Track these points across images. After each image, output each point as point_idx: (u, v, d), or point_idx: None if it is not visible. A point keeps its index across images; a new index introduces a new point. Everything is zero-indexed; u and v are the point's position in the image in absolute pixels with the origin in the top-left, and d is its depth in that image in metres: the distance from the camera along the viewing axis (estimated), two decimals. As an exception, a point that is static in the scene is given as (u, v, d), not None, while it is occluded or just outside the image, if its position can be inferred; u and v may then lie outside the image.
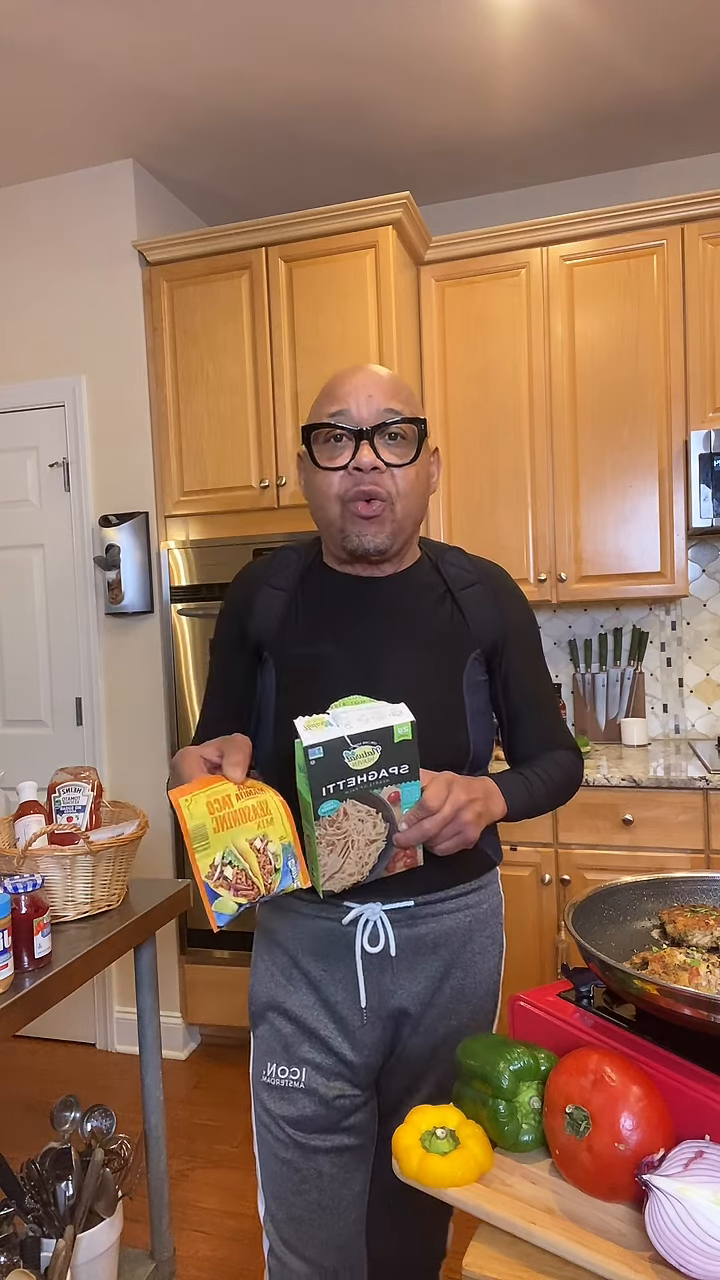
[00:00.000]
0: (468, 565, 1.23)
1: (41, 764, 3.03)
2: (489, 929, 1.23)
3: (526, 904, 2.51)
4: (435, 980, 1.18)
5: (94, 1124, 1.74)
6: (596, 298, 2.68)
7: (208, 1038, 3.00)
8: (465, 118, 2.69)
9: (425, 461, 1.17)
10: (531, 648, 1.24)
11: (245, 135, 2.74)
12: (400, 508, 1.13)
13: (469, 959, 1.20)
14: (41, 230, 2.93)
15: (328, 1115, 1.16)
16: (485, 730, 1.20)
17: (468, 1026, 1.21)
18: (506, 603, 1.22)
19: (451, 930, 1.18)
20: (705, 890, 1.12)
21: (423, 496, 1.17)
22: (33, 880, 1.35)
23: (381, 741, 1.00)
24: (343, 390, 1.13)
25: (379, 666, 1.14)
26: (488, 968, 1.23)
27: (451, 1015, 1.19)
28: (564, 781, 1.22)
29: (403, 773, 1.01)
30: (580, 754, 1.27)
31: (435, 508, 2.83)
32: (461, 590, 1.20)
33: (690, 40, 2.36)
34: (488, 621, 1.19)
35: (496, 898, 1.26)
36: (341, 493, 1.12)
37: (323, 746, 0.97)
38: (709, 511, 2.52)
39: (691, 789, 2.36)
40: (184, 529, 2.83)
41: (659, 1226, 0.69)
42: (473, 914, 1.20)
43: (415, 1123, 0.87)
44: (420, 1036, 1.19)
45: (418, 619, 1.17)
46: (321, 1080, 1.16)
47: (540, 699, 1.23)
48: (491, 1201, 0.79)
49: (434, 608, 1.18)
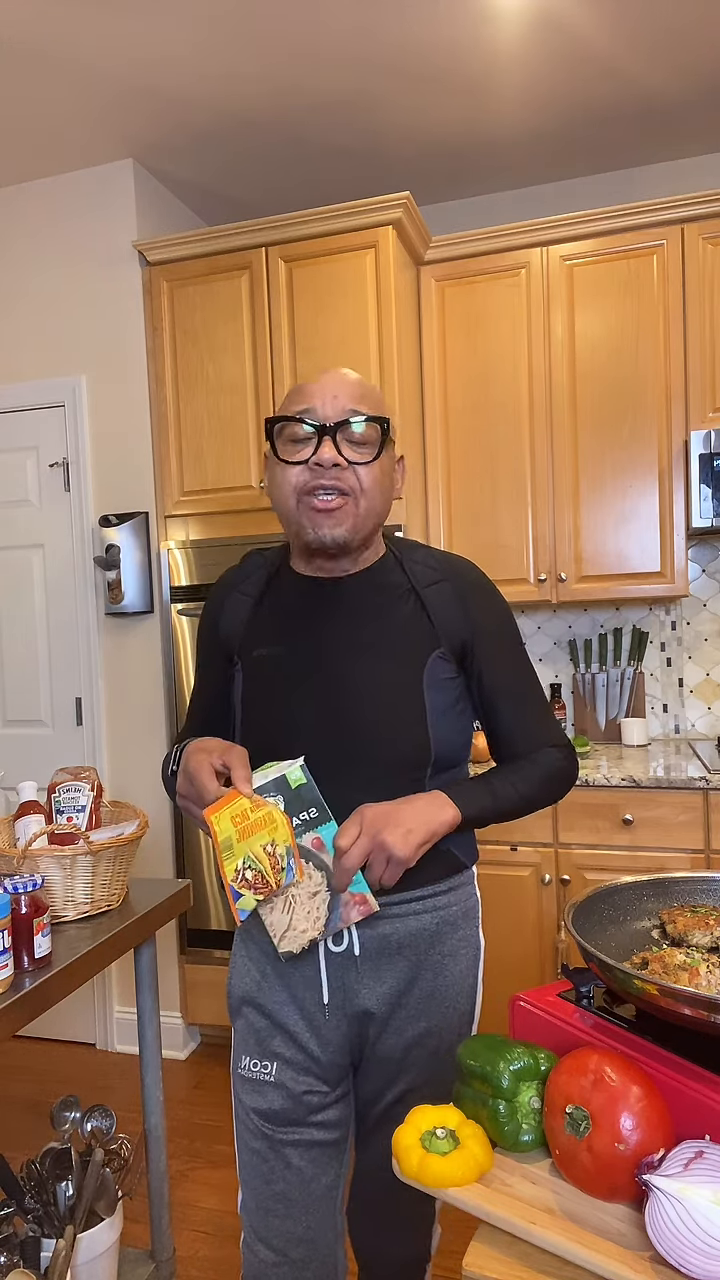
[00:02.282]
0: (434, 563, 1.21)
1: (41, 764, 3.03)
2: (461, 931, 1.23)
3: (526, 904, 2.51)
4: (402, 981, 1.18)
5: (94, 1124, 1.74)
6: (596, 298, 2.68)
7: (208, 1038, 3.00)
8: (465, 118, 2.69)
9: (389, 461, 1.17)
10: (506, 645, 1.22)
11: (245, 135, 2.74)
12: (363, 504, 1.13)
13: (438, 961, 1.20)
14: (41, 230, 2.93)
15: (295, 1109, 1.18)
16: (454, 728, 1.19)
17: (440, 1028, 1.20)
18: (474, 601, 1.20)
19: (418, 932, 1.18)
20: (705, 890, 1.12)
21: (385, 496, 1.17)
22: (33, 880, 1.35)
23: (280, 791, 1.06)
24: (309, 389, 1.14)
25: (336, 667, 1.16)
26: (459, 969, 1.22)
27: (421, 1017, 1.19)
28: (545, 780, 1.19)
29: (313, 817, 1.07)
30: (571, 750, 1.24)
31: (435, 508, 2.84)
32: (425, 588, 1.19)
33: (690, 41, 2.36)
34: (453, 620, 1.18)
35: (471, 900, 1.26)
36: (299, 485, 1.13)
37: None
38: (709, 511, 2.52)
39: (691, 789, 2.36)
40: (184, 529, 2.83)
41: (659, 1226, 0.69)
42: (441, 916, 1.20)
43: (415, 1123, 0.87)
44: (390, 1036, 1.19)
45: (379, 617, 1.17)
46: (291, 1074, 1.18)
47: (519, 696, 1.21)
48: (491, 1201, 0.79)
49: (396, 606, 1.18)
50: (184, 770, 1.10)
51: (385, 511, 1.18)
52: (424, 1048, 1.20)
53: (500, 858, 2.53)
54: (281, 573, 1.25)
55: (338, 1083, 1.21)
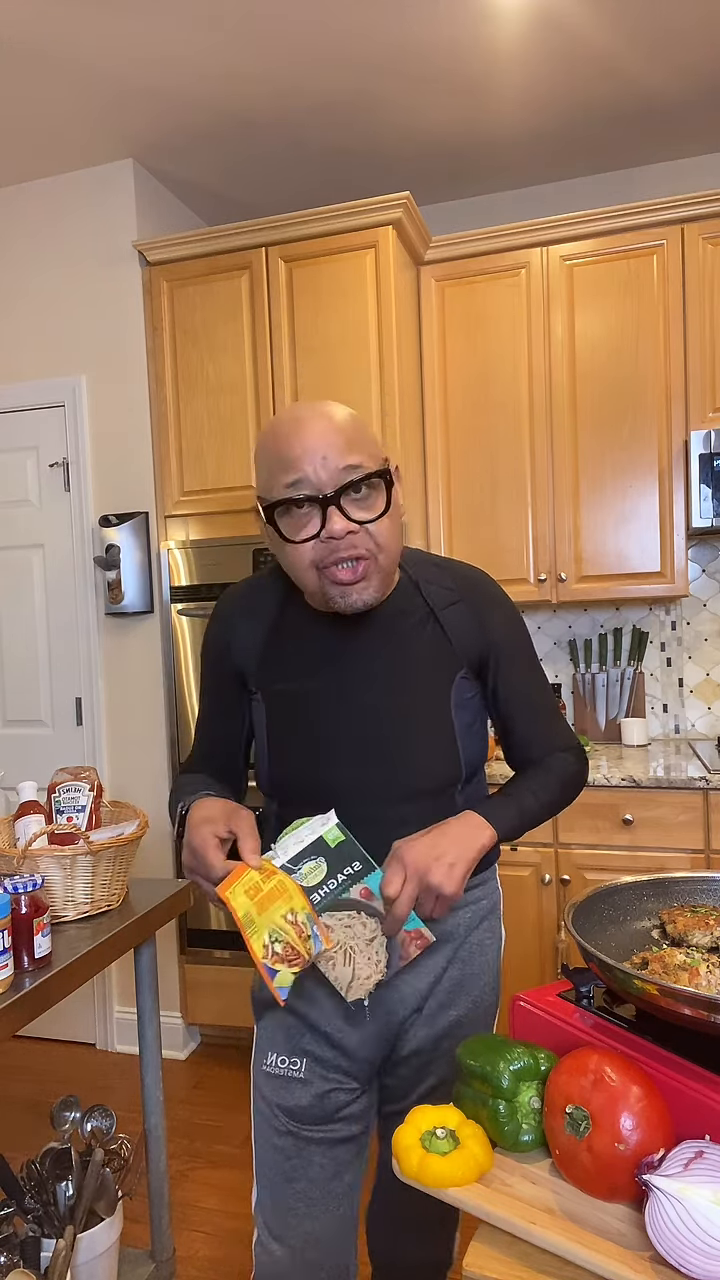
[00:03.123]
0: (449, 582, 1.20)
1: (41, 764, 3.03)
2: (488, 922, 1.26)
3: (526, 904, 2.51)
4: (436, 974, 1.20)
5: (94, 1124, 1.74)
6: (596, 298, 2.68)
7: (208, 1038, 3.00)
8: (465, 118, 2.69)
9: (398, 503, 1.11)
10: (520, 655, 1.22)
11: (246, 135, 2.74)
12: (383, 559, 1.09)
13: (467, 954, 1.23)
14: (41, 230, 2.93)
15: (323, 1106, 1.18)
16: (478, 743, 1.21)
17: (467, 1018, 1.22)
18: (490, 616, 1.19)
19: (454, 927, 1.21)
20: (705, 890, 1.12)
21: (400, 535, 1.12)
22: (33, 880, 1.35)
23: (320, 852, 1.05)
24: (294, 454, 1.04)
25: (364, 699, 1.15)
26: (485, 960, 1.25)
27: (451, 1006, 1.21)
28: (560, 786, 1.21)
29: (357, 870, 1.06)
30: (582, 753, 1.26)
31: (435, 508, 2.84)
32: (444, 610, 1.18)
33: (690, 40, 2.36)
34: (470, 639, 1.18)
35: (496, 893, 1.30)
36: (317, 560, 1.07)
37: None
38: (709, 511, 2.52)
39: (691, 789, 2.36)
40: (184, 529, 2.83)
41: (659, 1226, 0.69)
42: (474, 910, 1.23)
43: (415, 1123, 0.87)
44: (422, 1028, 1.20)
45: (401, 646, 1.16)
46: (321, 1071, 1.18)
47: (534, 705, 1.22)
48: (491, 1201, 0.79)
49: (417, 632, 1.17)
50: (188, 845, 1.07)
51: (401, 548, 1.14)
52: (454, 1038, 1.21)
53: (500, 858, 2.53)
54: (294, 602, 1.21)
55: (367, 1080, 1.22)
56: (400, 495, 1.12)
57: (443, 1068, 1.21)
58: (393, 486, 1.09)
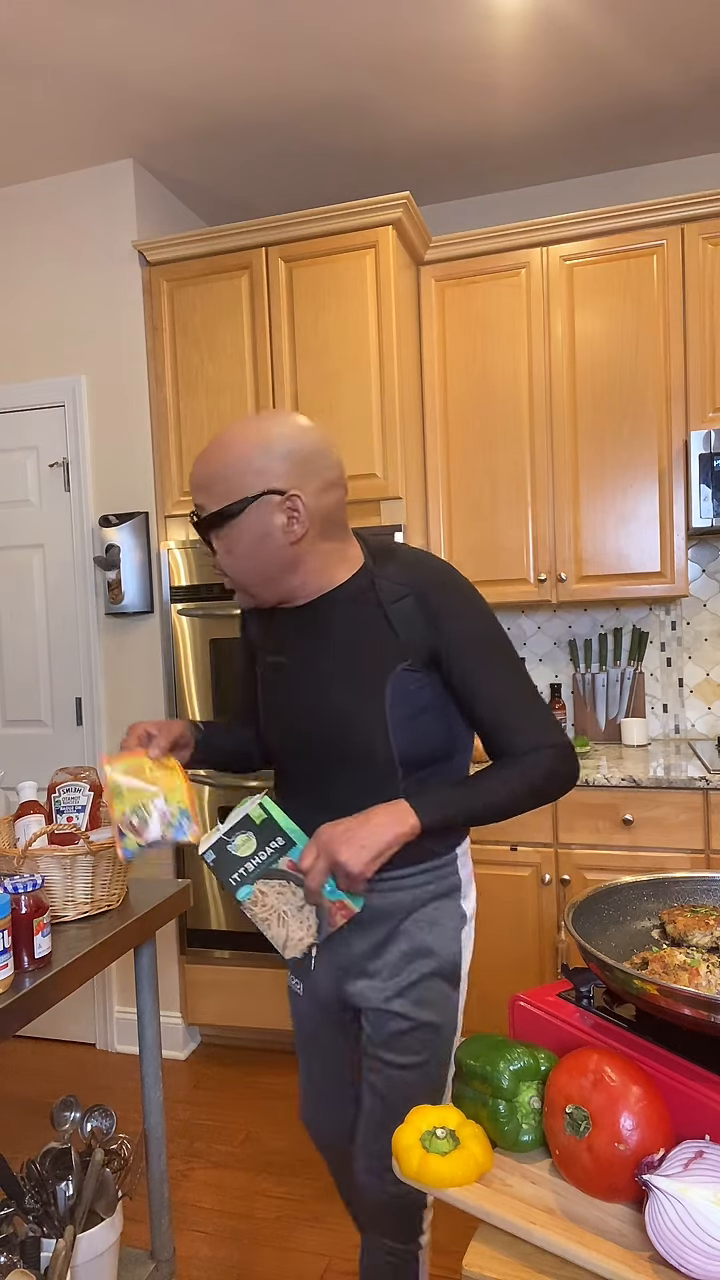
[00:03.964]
0: (401, 577, 1.26)
1: (41, 764, 3.03)
2: (439, 902, 1.33)
3: (526, 904, 2.51)
4: (380, 941, 1.33)
5: (94, 1124, 1.74)
6: (596, 298, 2.68)
7: (208, 1038, 3.00)
8: (465, 118, 2.69)
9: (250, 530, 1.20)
10: (476, 649, 1.24)
11: (245, 135, 2.74)
12: (238, 578, 1.25)
13: (414, 926, 1.32)
14: (42, 230, 2.93)
15: (311, 1016, 1.45)
16: (427, 733, 1.26)
17: (422, 984, 1.32)
18: (439, 612, 1.24)
19: (396, 904, 1.31)
20: (705, 890, 1.13)
21: (264, 557, 1.22)
22: (33, 880, 1.35)
23: (249, 828, 1.20)
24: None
25: (313, 682, 1.29)
26: (440, 937, 1.33)
27: (399, 974, 1.32)
28: (526, 784, 1.22)
29: (281, 845, 1.20)
30: (564, 750, 1.24)
31: (435, 508, 2.84)
32: (392, 604, 1.24)
33: (690, 40, 2.36)
34: (418, 633, 1.23)
35: (450, 881, 1.35)
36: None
37: (211, 849, 1.21)
38: (709, 511, 2.52)
39: (691, 789, 2.36)
40: (184, 529, 2.83)
41: (659, 1226, 0.69)
42: (417, 893, 1.32)
43: (415, 1123, 0.87)
44: (374, 992, 1.33)
45: (348, 632, 1.27)
46: (305, 994, 1.45)
47: (492, 698, 1.24)
48: (491, 1201, 0.79)
49: (365, 621, 1.26)
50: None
51: (275, 561, 1.23)
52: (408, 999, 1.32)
53: (500, 858, 2.53)
54: None
55: (336, 1009, 1.41)
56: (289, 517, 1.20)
57: (399, 1024, 1.31)
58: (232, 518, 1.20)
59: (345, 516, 1.29)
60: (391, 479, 2.59)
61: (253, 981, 2.80)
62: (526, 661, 3.14)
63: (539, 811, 2.49)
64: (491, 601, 2.82)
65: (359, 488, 2.62)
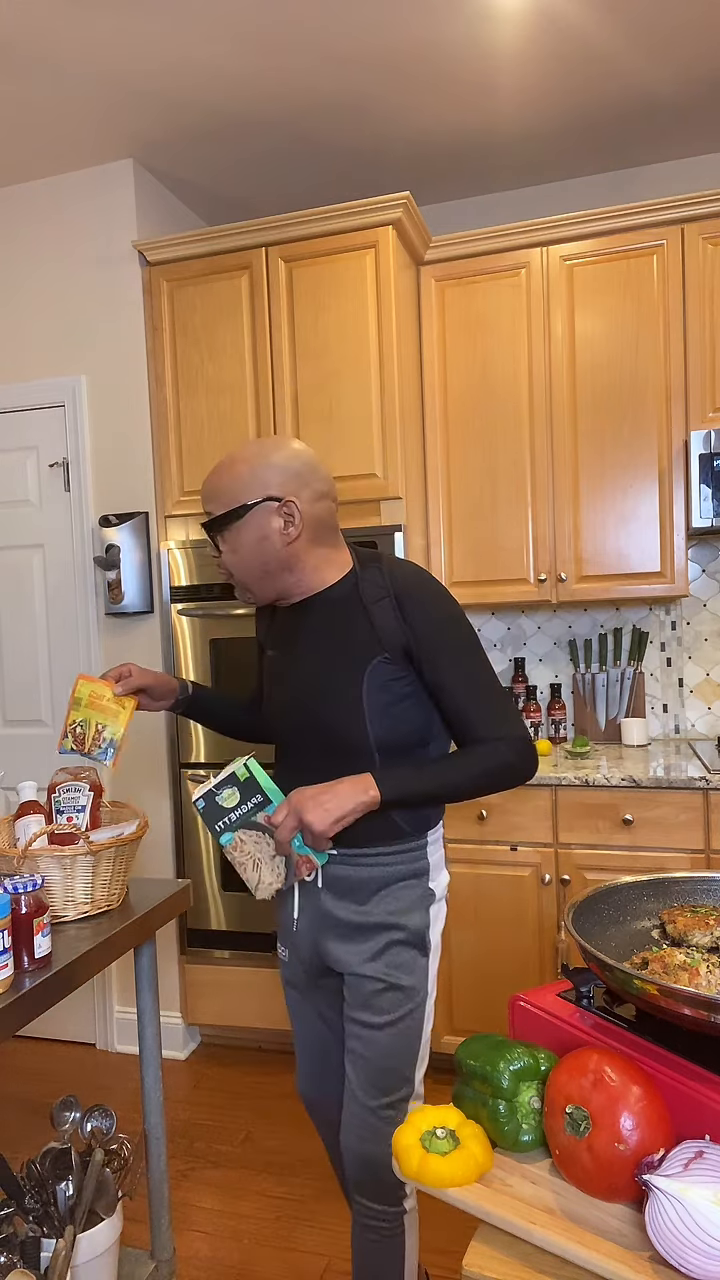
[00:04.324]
0: (381, 580, 1.41)
1: (41, 764, 3.03)
2: (407, 880, 1.45)
3: (526, 904, 2.51)
4: (353, 910, 1.45)
5: (94, 1124, 1.74)
6: (596, 298, 2.68)
7: (208, 1038, 3.00)
8: (465, 118, 2.69)
9: (251, 532, 1.39)
10: (443, 646, 1.37)
11: (245, 135, 2.74)
12: (240, 576, 1.43)
13: (381, 899, 1.44)
14: (41, 230, 2.93)
15: (297, 983, 1.58)
16: (401, 720, 1.40)
17: (387, 953, 1.43)
18: (410, 612, 1.38)
19: (366, 879, 1.44)
20: (705, 890, 1.13)
21: (263, 556, 1.40)
22: (33, 880, 1.35)
23: (234, 784, 1.38)
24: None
25: (303, 671, 1.45)
26: (408, 906, 1.44)
27: (367, 940, 1.44)
28: (481, 771, 1.35)
29: (259, 801, 1.37)
30: (521, 744, 1.36)
31: (435, 508, 2.84)
32: (373, 604, 1.40)
33: (690, 40, 2.36)
34: (392, 629, 1.39)
35: (420, 863, 1.46)
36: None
37: (202, 799, 1.40)
38: (709, 511, 2.52)
39: (691, 789, 2.36)
40: (184, 529, 2.83)
41: (659, 1226, 0.69)
42: (386, 870, 1.44)
43: (415, 1123, 0.87)
44: (343, 953, 1.46)
45: (332, 630, 1.43)
46: (295, 960, 1.56)
47: (455, 691, 1.37)
48: (491, 1201, 0.79)
49: (349, 619, 1.42)
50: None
51: (275, 561, 1.41)
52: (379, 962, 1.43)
53: (500, 858, 2.53)
54: None
55: (315, 971, 1.53)
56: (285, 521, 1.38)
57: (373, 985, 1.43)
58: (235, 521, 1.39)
59: (336, 525, 1.46)
60: (391, 479, 2.59)
61: (253, 981, 2.80)
62: (526, 662, 3.14)
63: (539, 812, 2.49)
64: (491, 602, 2.82)
65: (359, 488, 2.62)
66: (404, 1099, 1.45)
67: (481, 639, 3.18)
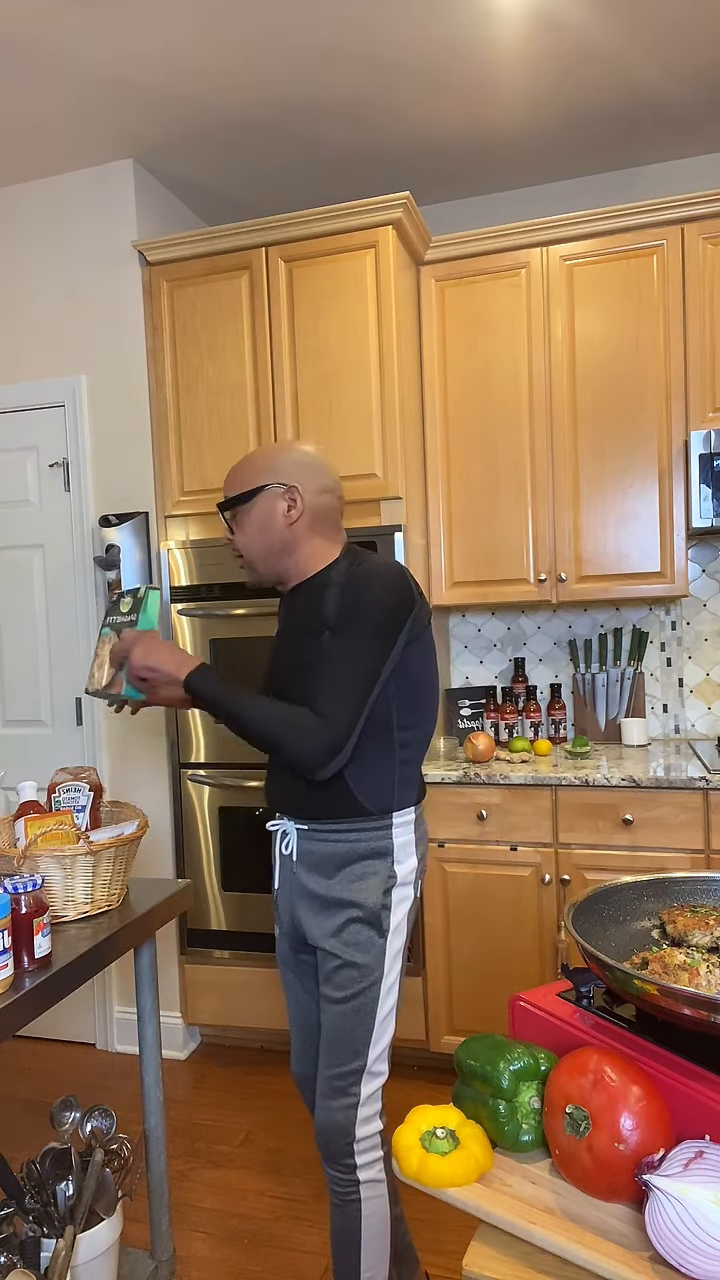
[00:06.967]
0: (345, 570, 1.54)
1: (41, 764, 3.03)
2: (369, 861, 1.53)
3: (526, 904, 2.51)
4: (320, 883, 1.55)
5: (94, 1124, 1.74)
6: (596, 298, 2.68)
7: (208, 1038, 3.00)
8: (466, 118, 2.69)
9: (259, 513, 1.54)
10: (343, 629, 1.48)
11: (245, 135, 2.74)
12: (250, 557, 1.58)
13: (343, 876, 1.53)
14: (41, 230, 2.93)
15: (285, 958, 1.67)
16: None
17: (349, 929, 1.51)
18: (342, 595, 1.51)
19: (331, 854, 1.54)
20: (705, 890, 1.13)
21: (268, 537, 1.55)
22: (33, 880, 1.35)
23: (134, 597, 1.61)
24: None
25: (280, 651, 1.62)
26: (365, 885, 1.52)
27: (334, 915, 1.53)
28: (273, 718, 1.44)
29: (133, 620, 1.59)
30: (322, 725, 1.42)
31: (435, 508, 2.84)
32: (331, 588, 1.54)
33: (691, 40, 2.36)
34: (333, 611, 1.52)
35: (382, 842, 1.53)
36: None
37: (116, 597, 1.66)
38: (709, 511, 2.52)
39: (691, 789, 2.36)
40: (184, 529, 2.83)
41: (659, 1226, 0.69)
42: (349, 846, 1.53)
43: (415, 1123, 0.87)
44: (314, 917, 1.55)
45: (304, 613, 1.56)
46: (279, 931, 1.67)
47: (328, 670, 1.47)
48: (491, 1201, 0.79)
49: (316, 603, 1.55)
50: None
51: (278, 543, 1.55)
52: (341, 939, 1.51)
53: (500, 857, 2.53)
54: None
55: (296, 944, 1.62)
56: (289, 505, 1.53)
57: (332, 961, 1.51)
58: (246, 502, 1.54)
59: (339, 522, 1.59)
60: (391, 479, 2.59)
61: (253, 981, 2.80)
62: (526, 662, 3.14)
63: (539, 812, 2.49)
64: (491, 602, 2.82)
65: (359, 488, 2.62)
66: (354, 1072, 1.50)
67: (482, 639, 3.18)
